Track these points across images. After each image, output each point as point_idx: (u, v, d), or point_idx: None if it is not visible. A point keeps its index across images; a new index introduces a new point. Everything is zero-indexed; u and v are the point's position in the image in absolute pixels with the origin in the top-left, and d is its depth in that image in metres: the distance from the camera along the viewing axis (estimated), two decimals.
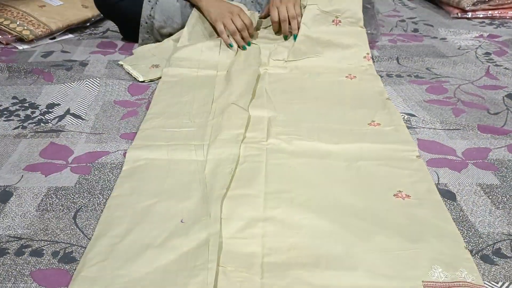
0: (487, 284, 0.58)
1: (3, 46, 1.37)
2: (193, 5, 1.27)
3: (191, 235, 0.65)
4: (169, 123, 0.92)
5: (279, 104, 0.99)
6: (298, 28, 1.20)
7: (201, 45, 1.19)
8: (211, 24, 1.23)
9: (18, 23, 1.39)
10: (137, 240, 0.64)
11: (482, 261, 0.62)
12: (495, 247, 0.64)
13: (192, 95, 1.03)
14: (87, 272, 0.59)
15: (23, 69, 1.18)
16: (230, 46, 1.18)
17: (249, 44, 1.21)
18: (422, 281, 0.58)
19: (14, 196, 0.75)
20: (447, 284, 0.58)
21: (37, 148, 0.87)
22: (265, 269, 0.60)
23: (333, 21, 1.21)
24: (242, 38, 1.19)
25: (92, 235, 0.66)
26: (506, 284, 0.58)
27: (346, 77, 1.12)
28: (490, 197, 0.74)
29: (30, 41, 1.38)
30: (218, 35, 1.20)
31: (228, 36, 1.18)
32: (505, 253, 0.63)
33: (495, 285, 0.58)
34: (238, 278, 0.59)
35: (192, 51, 1.18)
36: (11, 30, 1.37)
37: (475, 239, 0.66)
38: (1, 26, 1.38)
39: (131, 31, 1.34)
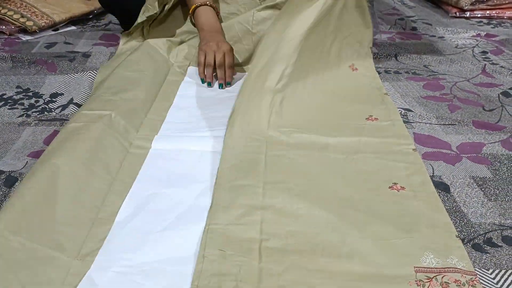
0: (478, 271, 0.60)
1: (7, 36, 1.38)
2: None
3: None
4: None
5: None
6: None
7: None
8: None
9: (21, 14, 1.40)
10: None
11: (473, 250, 0.64)
12: (486, 236, 0.66)
13: None
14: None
15: (26, 59, 1.20)
16: (201, 80, 1.08)
17: (225, 84, 1.07)
18: (414, 267, 0.60)
19: (19, 181, 0.76)
20: (437, 269, 0.60)
21: (41, 136, 0.89)
22: (263, 254, 0.62)
23: None
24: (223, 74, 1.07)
25: None
26: (496, 271, 0.61)
27: (349, 66, 1.14)
28: (482, 189, 0.76)
29: (33, 32, 1.39)
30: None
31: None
32: (495, 242, 0.65)
33: (486, 272, 0.60)
34: (238, 262, 0.60)
35: None
36: (14, 20, 1.39)
37: (467, 229, 0.68)
38: (5, 17, 1.39)
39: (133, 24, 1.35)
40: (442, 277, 0.59)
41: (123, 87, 0.93)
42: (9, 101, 1.02)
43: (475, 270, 0.60)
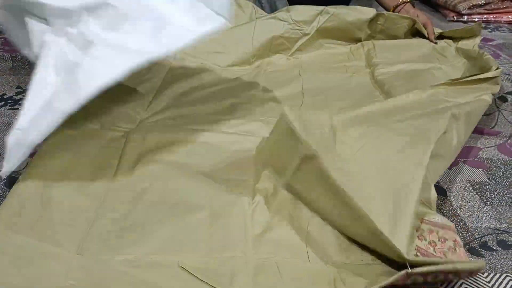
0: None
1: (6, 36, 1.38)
2: None
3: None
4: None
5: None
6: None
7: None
8: None
9: None
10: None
11: (469, 253, 0.65)
12: (482, 240, 0.68)
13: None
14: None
15: (26, 60, 1.20)
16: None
17: None
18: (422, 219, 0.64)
19: None
20: (443, 225, 0.63)
21: None
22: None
23: None
24: None
25: None
26: (491, 275, 0.62)
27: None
28: (479, 193, 0.77)
29: None
30: None
31: None
32: (491, 246, 0.67)
33: (481, 276, 0.61)
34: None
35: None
36: None
37: (463, 232, 0.69)
38: None
39: None
40: (444, 233, 0.61)
41: (118, 90, 0.94)
42: (9, 101, 1.03)
43: None
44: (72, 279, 0.58)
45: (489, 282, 0.61)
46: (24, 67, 1.19)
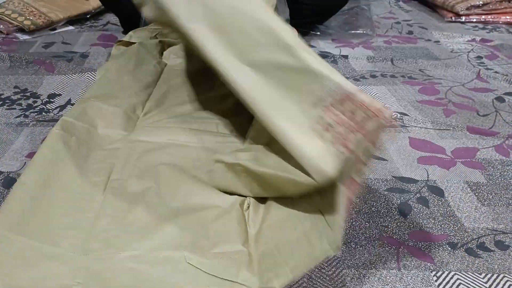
0: (470, 275, 0.62)
1: (4, 36, 1.38)
2: None
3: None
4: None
5: None
6: None
7: None
8: None
9: (19, 13, 1.40)
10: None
11: (466, 254, 0.65)
12: (479, 241, 0.68)
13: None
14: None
15: (24, 59, 1.20)
16: None
17: None
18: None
19: None
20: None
21: (39, 137, 0.90)
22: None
23: None
24: None
25: None
26: (488, 276, 0.62)
27: None
28: (476, 194, 0.77)
29: (30, 32, 1.39)
30: None
31: None
32: (488, 247, 0.67)
33: (478, 276, 0.62)
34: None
35: None
36: (12, 20, 1.39)
37: (461, 233, 0.69)
38: (3, 16, 1.39)
39: (133, 25, 1.36)
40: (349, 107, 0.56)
41: (113, 93, 0.94)
42: (7, 101, 1.02)
43: (468, 275, 0.62)
44: (78, 278, 0.57)
45: (486, 283, 0.61)
46: (21, 67, 1.18)
